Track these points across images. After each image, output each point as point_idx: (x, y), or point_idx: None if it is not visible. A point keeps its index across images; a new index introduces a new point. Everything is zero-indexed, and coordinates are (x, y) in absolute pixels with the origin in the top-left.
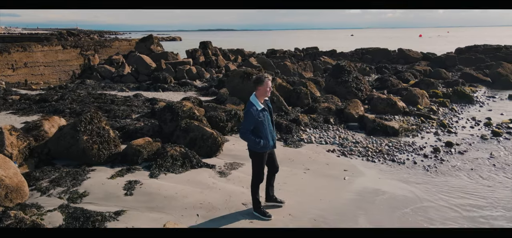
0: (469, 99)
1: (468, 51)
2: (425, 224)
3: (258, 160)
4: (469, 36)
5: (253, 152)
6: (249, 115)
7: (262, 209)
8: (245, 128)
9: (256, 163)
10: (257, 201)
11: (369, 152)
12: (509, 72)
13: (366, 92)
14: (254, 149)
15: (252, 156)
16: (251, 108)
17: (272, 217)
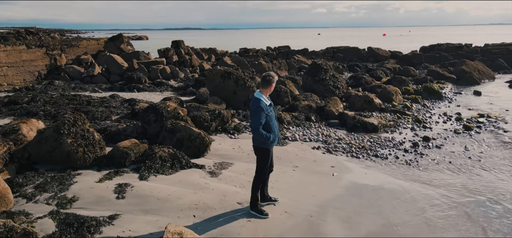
0: (439, 96)
1: (432, 50)
2: (416, 214)
3: (265, 156)
4: (430, 36)
5: (261, 148)
6: (261, 110)
7: (259, 207)
8: (258, 123)
9: (263, 160)
10: (257, 199)
11: (353, 148)
12: (472, 69)
13: (343, 90)
14: (263, 145)
15: (259, 152)
16: (260, 103)
17: (269, 216)
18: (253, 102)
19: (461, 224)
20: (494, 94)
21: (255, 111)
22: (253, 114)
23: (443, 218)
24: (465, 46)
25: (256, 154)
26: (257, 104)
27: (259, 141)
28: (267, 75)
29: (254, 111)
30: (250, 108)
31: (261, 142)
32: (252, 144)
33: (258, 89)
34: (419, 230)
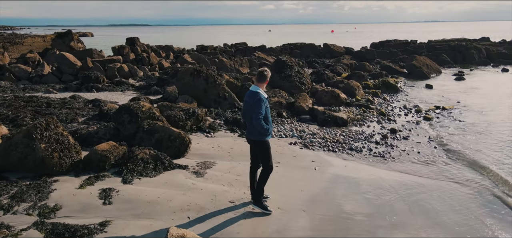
0: (396, 90)
1: (382, 46)
2: (398, 200)
3: (268, 147)
4: (374, 32)
5: (262, 142)
6: (261, 102)
7: (264, 202)
8: (261, 114)
9: (267, 152)
10: (263, 192)
11: (328, 143)
12: (421, 64)
13: (309, 86)
14: (262, 137)
15: (261, 145)
16: (260, 95)
17: (272, 212)
18: (251, 96)
19: (442, 207)
20: (444, 87)
21: (256, 104)
22: (255, 107)
23: (426, 202)
24: (411, 43)
25: (257, 148)
26: (257, 97)
27: (258, 133)
28: (263, 70)
29: (255, 103)
30: (247, 103)
31: (260, 133)
32: (250, 138)
33: (253, 84)
34: (407, 215)
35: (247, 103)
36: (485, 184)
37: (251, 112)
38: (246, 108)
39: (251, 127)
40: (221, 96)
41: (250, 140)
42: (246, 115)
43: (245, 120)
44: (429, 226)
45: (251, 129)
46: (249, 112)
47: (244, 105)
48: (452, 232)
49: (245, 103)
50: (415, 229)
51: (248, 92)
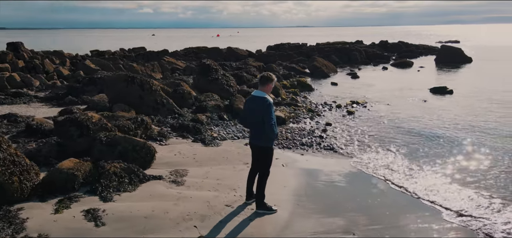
0: (310, 88)
1: (278, 49)
2: (361, 182)
3: (271, 153)
4: (256, 36)
5: (268, 148)
6: (272, 107)
7: (267, 204)
8: (272, 120)
9: (271, 158)
10: (264, 196)
11: (280, 140)
12: (321, 65)
13: (236, 88)
14: (271, 144)
15: (266, 152)
16: (270, 100)
17: (277, 210)
18: (258, 101)
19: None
20: (345, 84)
21: (267, 109)
22: (266, 112)
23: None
24: (304, 45)
25: (262, 154)
26: (267, 102)
27: (267, 139)
28: (269, 75)
29: (266, 109)
30: (251, 108)
31: (269, 139)
32: (257, 144)
33: (257, 88)
34: (373, 196)
35: (251, 109)
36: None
37: (258, 118)
38: (249, 114)
39: (258, 133)
40: (159, 103)
41: (256, 145)
42: (249, 121)
43: (246, 126)
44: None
45: (258, 134)
46: (256, 118)
47: (246, 110)
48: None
49: (248, 109)
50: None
51: (252, 98)
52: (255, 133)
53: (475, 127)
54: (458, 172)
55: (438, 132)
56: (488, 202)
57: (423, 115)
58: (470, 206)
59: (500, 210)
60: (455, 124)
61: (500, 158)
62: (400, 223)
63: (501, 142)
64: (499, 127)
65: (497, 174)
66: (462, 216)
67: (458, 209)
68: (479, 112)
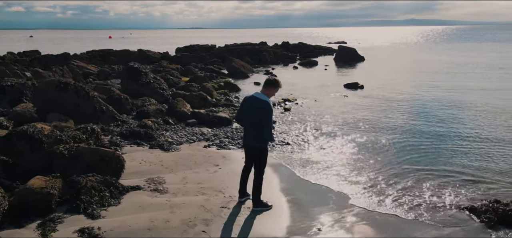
0: (237, 89)
1: (188, 50)
2: (319, 171)
3: (267, 153)
4: (152, 37)
5: (265, 150)
6: (272, 113)
7: (262, 201)
8: (272, 126)
9: (265, 158)
10: (260, 192)
11: (236, 140)
12: (239, 66)
13: (169, 91)
14: (266, 145)
15: (263, 153)
16: (271, 106)
17: (272, 206)
18: (262, 104)
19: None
20: None
21: (269, 114)
22: (267, 117)
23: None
24: (213, 47)
25: (258, 155)
26: (270, 107)
27: (264, 141)
28: (275, 80)
29: (268, 114)
30: (253, 108)
31: (266, 141)
32: (253, 145)
33: (260, 91)
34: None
35: (251, 109)
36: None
37: (257, 119)
38: (248, 114)
39: (254, 133)
40: (98, 110)
41: (252, 147)
42: (246, 120)
43: (242, 124)
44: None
45: (254, 135)
46: (255, 118)
47: (248, 110)
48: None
49: (250, 108)
50: None
51: (254, 99)
52: (251, 134)
53: (392, 118)
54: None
55: (374, 123)
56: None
57: (350, 110)
58: (355, 190)
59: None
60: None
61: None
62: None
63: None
64: (410, 118)
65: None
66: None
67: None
68: (392, 104)
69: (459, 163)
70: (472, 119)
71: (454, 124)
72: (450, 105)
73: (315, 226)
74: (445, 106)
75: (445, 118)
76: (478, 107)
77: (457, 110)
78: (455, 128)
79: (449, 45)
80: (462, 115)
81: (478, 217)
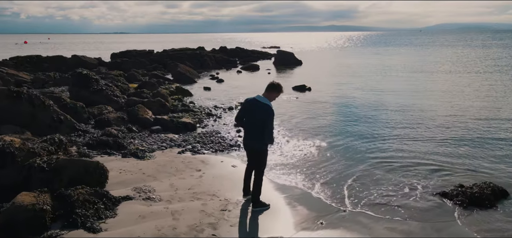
0: (189, 94)
1: (125, 56)
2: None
3: (266, 154)
4: (71, 43)
5: (265, 151)
6: (273, 116)
7: (261, 201)
8: (273, 129)
9: (265, 158)
10: (260, 194)
11: (208, 145)
12: (185, 71)
13: (123, 98)
14: (266, 147)
15: (264, 154)
16: (272, 109)
17: (270, 205)
18: (264, 107)
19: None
20: (218, 88)
21: (270, 118)
22: (269, 120)
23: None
24: (151, 52)
25: (258, 156)
26: (271, 111)
27: (265, 144)
28: (279, 85)
29: (269, 117)
30: (255, 110)
31: (265, 144)
32: (253, 147)
33: (262, 94)
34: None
35: (252, 111)
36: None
37: (259, 121)
38: (249, 115)
39: (255, 135)
40: (56, 120)
41: (252, 148)
42: (246, 121)
43: (241, 125)
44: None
45: (255, 136)
46: (256, 120)
47: (249, 112)
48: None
49: (251, 110)
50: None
51: (255, 101)
52: (252, 135)
53: (339, 113)
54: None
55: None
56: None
57: (304, 111)
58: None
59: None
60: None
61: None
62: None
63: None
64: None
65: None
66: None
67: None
68: (341, 104)
69: (418, 153)
70: (415, 116)
71: (403, 120)
72: (388, 105)
73: (318, 220)
74: (386, 107)
75: (387, 118)
76: (423, 105)
77: (393, 109)
78: (404, 123)
79: (374, 49)
80: (401, 113)
81: (450, 200)
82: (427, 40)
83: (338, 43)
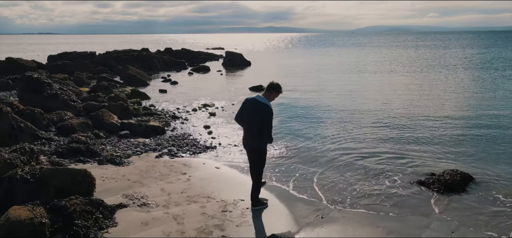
0: (146, 96)
1: (63, 58)
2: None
3: (266, 154)
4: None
5: (264, 151)
6: (272, 116)
7: (260, 200)
8: (271, 127)
9: (264, 158)
10: (259, 193)
11: (185, 148)
12: (136, 73)
13: (79, 102)
14: (265, 146)
15: (263, 154)
16: (271, 108)
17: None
18: (264, 107)
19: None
20: (174, 90)
21: (270, 117)
22: (268, 120)
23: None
24: (92, 54)
25: (257, 155)
26: (270, 111)
27: (265, 143)
28: (278, 85)
29: (269, 117)
30: (255, 110)
31: (264, 143)
32: (254, 146)
33: (261, 94)
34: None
35: (252, 110)
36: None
37: (259, 121)
38: (249, 114)
39: (255, 134)
40: (16, 129)
41: (252, 147)
42: (246, 121)
43: (242, 124)
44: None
45: (254, 136)
46: (256, 120)
47: (249, 112)
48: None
49: (251, 110)
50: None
51: (255, 101)
52: (251, 134)
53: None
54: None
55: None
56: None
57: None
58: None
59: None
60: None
61: None
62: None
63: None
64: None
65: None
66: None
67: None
68: (298, 103)
69: (387, 146)
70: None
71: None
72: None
73: (318, 215)
74: (341, 107)
75: (344, 116)
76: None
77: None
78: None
79: (316, 50)
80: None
81: (428, 188)
82: (363, 42)
83: (279, 44)
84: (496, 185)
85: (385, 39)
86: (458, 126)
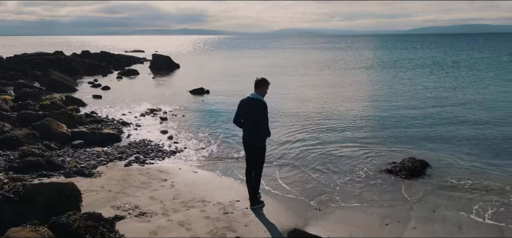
0: (82, 103)
1: None
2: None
3: (265, 151)
4: None
5: (263, 147)
6: (267, 110)
7: (258, 198)
8: (268, 122)
9: (263, 155)
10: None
11: (149, 154)
12: (61, 79)
13: (14, 112)
14: (264, 143)
15: (262, 150)
16: (265, 103)
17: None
18: (256, 103)
19: None
20: (111, 96)
21: (264, 112)
22: (263, 115)
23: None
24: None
25: (257, 152)
26: (264, 105)
27: (263, 138)
28: (264, 79)
29: (263, 111)
30: (250, 108)
31: (263, 138)
32: (253, 143)
33: (254, 92)
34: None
35: (248, 109)
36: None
37: (255, 117)
38: (246, 114)
39: (253, 132)
40: None
41: (251, 144)
42: (244, 120)
43: (239, 125)
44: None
45: (253, 133)
46: (253, 118)
47: (246, 111)
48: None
49: (245, 109)
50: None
51: (249, 99)
52: (251, 132)
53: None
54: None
55: None
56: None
57: (220, 112)
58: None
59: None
60: None
61: None
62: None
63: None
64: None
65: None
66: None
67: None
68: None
69: (349, 138)
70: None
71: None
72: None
73: (315, 209)
74: (288, 107)
75: (296, 112)
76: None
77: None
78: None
79: (237, 52)
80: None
81: (396, 175)
82: (279, 44)
83: (197, 46)
84: (448, 169)
85: (301, 41)
86: (395, 116)
